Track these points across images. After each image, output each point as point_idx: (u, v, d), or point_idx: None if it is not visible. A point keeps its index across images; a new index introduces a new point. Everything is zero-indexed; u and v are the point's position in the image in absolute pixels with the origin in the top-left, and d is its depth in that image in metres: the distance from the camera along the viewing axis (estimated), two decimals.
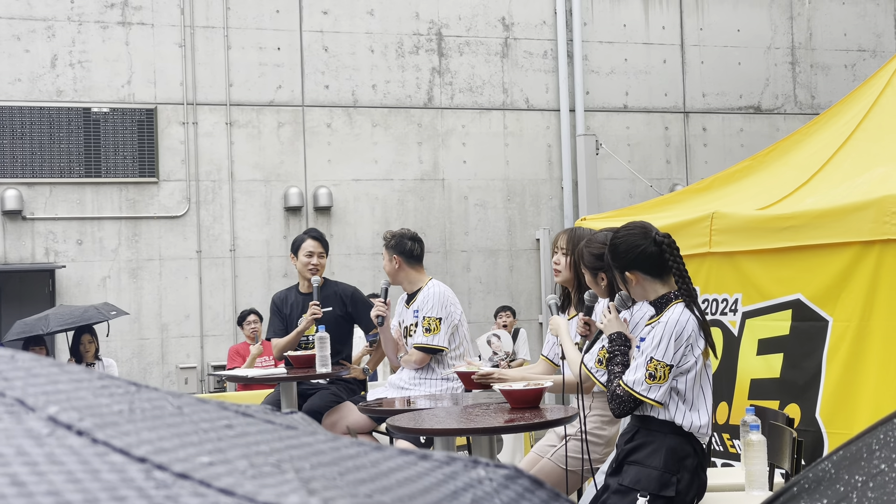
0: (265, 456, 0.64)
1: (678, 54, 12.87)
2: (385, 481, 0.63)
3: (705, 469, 3.74)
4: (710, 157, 12.84)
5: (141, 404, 0.69)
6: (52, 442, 0.61)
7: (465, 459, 0.68)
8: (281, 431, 0.70)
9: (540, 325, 12.11)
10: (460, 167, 12.03)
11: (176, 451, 0.62)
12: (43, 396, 0.67)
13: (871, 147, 6.01)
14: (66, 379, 0.70)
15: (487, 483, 0.66)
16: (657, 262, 3.68)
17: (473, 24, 12.16)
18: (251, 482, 0.59)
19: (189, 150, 11.17)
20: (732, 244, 5.84)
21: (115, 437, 0.62)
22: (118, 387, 0.71)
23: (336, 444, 0.70)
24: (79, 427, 0.63)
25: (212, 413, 0.71)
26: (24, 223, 10.69)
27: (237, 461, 0.63)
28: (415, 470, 0.66)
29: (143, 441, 0.63)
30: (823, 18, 13.38)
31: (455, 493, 0.64)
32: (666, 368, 3.57)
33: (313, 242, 6.24)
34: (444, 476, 0.66)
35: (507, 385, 4.13)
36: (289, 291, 6.48)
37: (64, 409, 0.65)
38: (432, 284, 5.67)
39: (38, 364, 0.72)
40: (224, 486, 0.58)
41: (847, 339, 4.98)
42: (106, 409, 0.67)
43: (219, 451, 0.64)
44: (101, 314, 8.27)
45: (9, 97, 10.65)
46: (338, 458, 0.67)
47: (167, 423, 0.67)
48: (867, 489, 1.04)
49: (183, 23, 11.22)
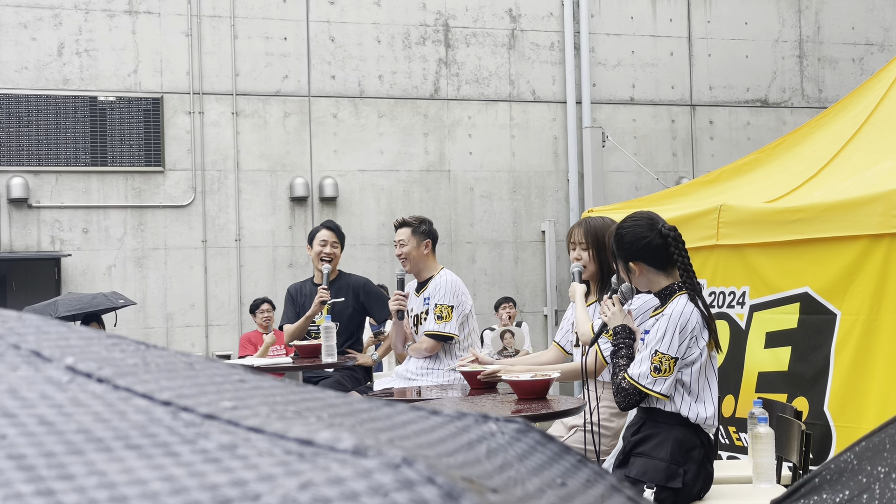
0: (283, 405, 0.65)
1: (685, 47, 12.84)
2: (401, 431, 0.64)
3: (712, 461, 3.73)
4: (717, 150, 12.82)
5: (154, 359, 0.70)
6: (74, 388, 0.61)
7: (475, 415, 0.68)
8: (293, 387, 0.71)
9: (545, 318, 12.11)
10: (466, 158, 12.02)
11: (197, 397, 0.63)
12: (58, 349, 0.67)
13: (880, 141, 5.99)
14: (77, 336, 0.71)
15: (500, 436, 0.66)
16: (662, 254, 3.67)
17: (480, 15, 12.13)
18: (278, 422, 0.60)
19: (195, 140, 11.16)
20: (740, 237, 5.83)
21: (136, 384, 0.63)
22: (128, 344, 0.72)
23: (349, 399, 0.71)
24: (99, 375, 0.63)
25: (223, 370, 0.72)
26: (30, 211, 10.69)
27: (259, 407, 0.63)
28: (428, 423, 0.66)
29: (164, 388, 0.63)
30: (831, 12, 13.34)
31: (470, 444, 0.64)
32: (671, 361, 3.56)
33: (327, 232, 6.36)
34: (456, 429, 0.66)
35: (515, 376, 4.12)
36: (304, 283, 6.58)
37: (81, 360, 0.65)
38: (444, 273, 5.68)
39: (46, 323, 0.73)
40: (252, 424, 0.59)
41: (855, 332, 4.97)
42: (121, 361, 0.68)
43: (239, 398, 0.64)
44: (109, 301, 8.30)
45: (15, 85, 10.65)
46: (352, 410, 0.67)
47: (182, 375, 0.68)
48: (890, 480, 1.03)
49: (189, 12, 11.21)
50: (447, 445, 0.63)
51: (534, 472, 0.64)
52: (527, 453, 0.66)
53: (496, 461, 0.63)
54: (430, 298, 5.57)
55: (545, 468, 0.65)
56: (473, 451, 0.63)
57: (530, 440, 0.68)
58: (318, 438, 0.56)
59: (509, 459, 0.64)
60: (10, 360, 0.64)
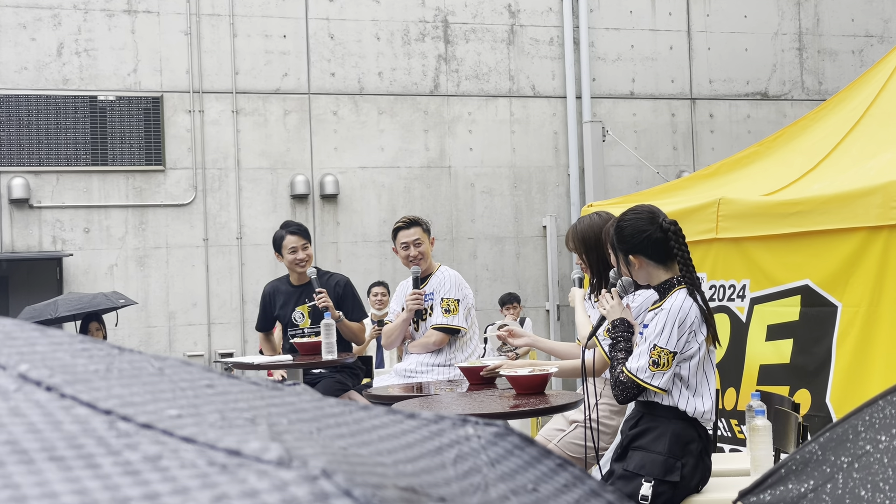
0: (241, 412, 0.65)
1: (685, 41, 12.83)
2: (365, 437, 0.63)
3: (710, 454, 3.74)
4: (717, 143, 12.80)
5: (120, 365, 0.70)
6: (18, 397, 0.61)
7: (453, 418, 0.68)
8: (264, 391, 0.70)
9: (546, 313, 12.11)
10: (467, 154, 12.02)
11: (145, 405, 0.63)
12: (17, 356, 0.67)
13: (878, 133, 5.99)
14: (46, 342, 0.71)
15: (475, 440, 0.66)
16: (662, 248, 3.68)
17: (479, 10, 12.12)
18: (215, 431, 0.60)
19: (195, 139, 11.17)
20: (739, 230, 5.83)
21: (83, 392, 0.63)
22: (100, 350, 0.72)
23: (321, 403, 0.70)
24: (48, 383, 0.64)
25: (194, 374, 0.71)
26: (31, 211, 10.70)
27: (209, 415, 0.63)
28: (399, 427, 0.66)
29: (113, 396, 0.63)
30: (831, 4, 13.32)
31: (439, 449, 0.63)
32: (669, 355, 3.56)
33: (293, 238, 6.28)
34: (429, 433, 0.65)
35: (513, 371, 4.13)
36: (279, 283, 6.49)
37: (35, 367, 0.65)
38: (444, 268, 5.73)
39: (19, 328, 0.73)
40: (186, 434, 0.59)
41: (856, 324, 4.97)
42: (81, 368, 0.68)
43: (191, 406, 0.64)
44: (109, 301, 8.30)
45: (15, 85, 10.66)
46: (319, 415, 0.67)
47: (143, 382, 0.68)
48: (852, 470, 1.04)
49: (189, 10, 11.21)
50: (411, 451, 0.62)
51: (503, 478, 0.63)
52: (500, 458, 0.66)
53: (462, 467, 0.62)
54: (434, 293, 5.59)
55: (518, 473, 0.65)
56: (439, 457, 0.63)
57: (507, 444, 0.68)
58: (245, 449, 0.57)
59: (478, 465, 0.64)
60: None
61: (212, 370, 0.73)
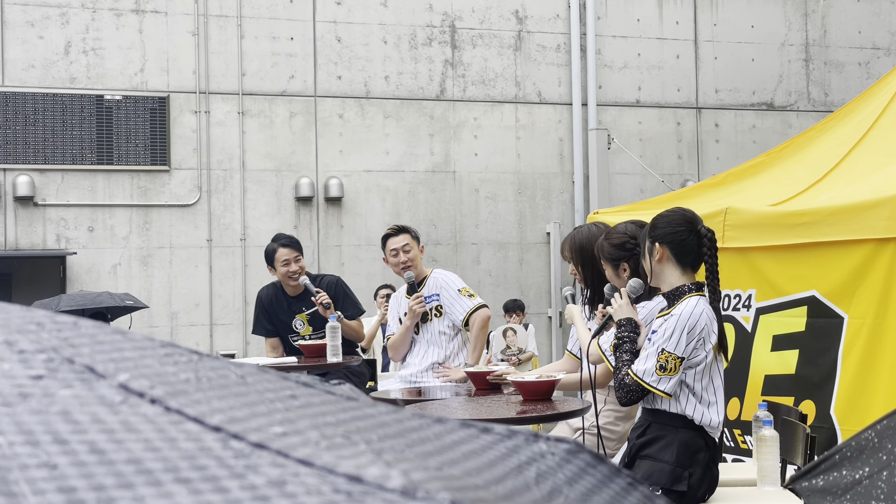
0: (333, 427, 0.63)
1: (691, 50, 12.83)
2: (451, 454, 0.62)
3: (717, 463, 3.73)
4: (722, 153, 12.80)
5: (206, 373, 0.68)
6: (126, 409, 0.59)
7: (525, 433, 0.67)
8: (343, 402, 0.69)
9: (549, 319, 12.10)
10: (472, 160, 12.02)
11: (248, 420, 0.61)
12: (112, 364, 0.65)
13: (886, 145, 5.98)
14: (131, 346, 0.69)
15: (550, 457, 0.65)
16: (691, 251, 3.67)
17: (487, 16, 12.13)
18: (327, 453, 0.58)
19: (201, 139, 11.17)
20: (746, 240, 5.82)
21: (187, 406, 0.61)
22: (181, 355, 0.70)
23: (398, 416, 0.69)
24: (151, 395, 0.62)
25: (274, 383, 0.69)
26: (35, 209, 10.70)
27: (308, 432, 0.62)
28: (479, 443, 0.65)
29: (216, 410, 0.62)
30: (838, 16, 13.33)
31: (520, 467, 0.63)
32: (677, 361, 3.55)
33: (286, 251, 6.28)
34: (507, 450, 0.65)
35: (520, 377, 4.13)
36: (276, 291, 6.47)
37: (134, 377, 0.63)
38: (437, 271, 5.85)
39: (101, 331, 0.70)
40: (302, 456, 0.57)
41: (862, 336, 4.96)
42: (174, 377, 0.66)
43: (289, 421, 0.63)
44: (113, 299, 8.28)
45: (22, 83, 10.67)
46: (402, 430, 0.66)
47: (234, 393, 0.66)
48: None
49: (196, 11, 11.22)
50: (496, 470, 0.61)
51: (583, 499, 0.63)
52: (577, 476, 0.65)
53: (545, 487, 0.62)
54: (438, 294, 5.65)
55: (595, 493, 0.64)
56: (522, 476, 0.62)
57: (581, 462, 0.67)
58: (366, 475, 0.55)
59: (559, 484, 0.63)
60: (64, 376, 0.63)
61: (286, 377, 0.72)
